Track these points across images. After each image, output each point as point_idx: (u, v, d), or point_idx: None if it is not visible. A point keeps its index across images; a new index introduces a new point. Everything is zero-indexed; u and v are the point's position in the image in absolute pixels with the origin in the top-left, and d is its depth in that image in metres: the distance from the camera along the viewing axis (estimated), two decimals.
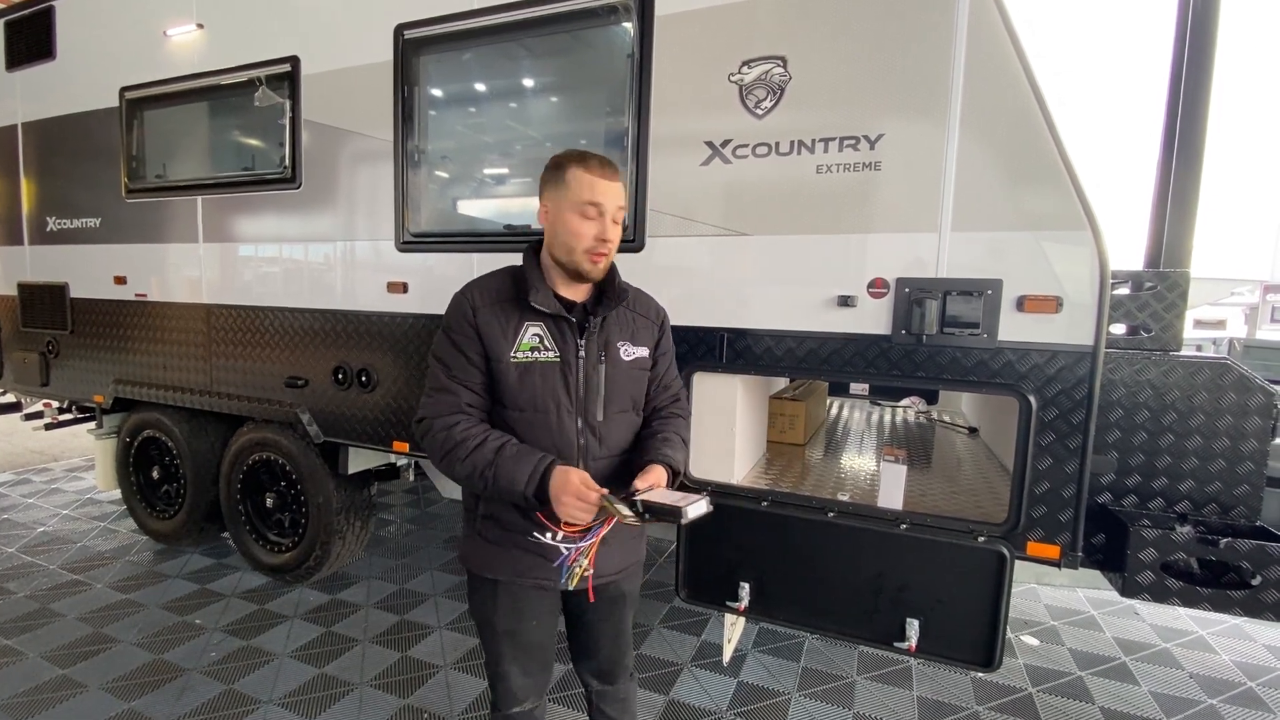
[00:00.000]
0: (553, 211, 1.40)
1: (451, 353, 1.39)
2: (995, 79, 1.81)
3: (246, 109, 3.02)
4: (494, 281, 1.45)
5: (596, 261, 1.39)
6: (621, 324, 1.49)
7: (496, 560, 1.44)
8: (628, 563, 1.55)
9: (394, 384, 2.75)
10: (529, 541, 1.41)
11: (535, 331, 1.39)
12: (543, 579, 1.43)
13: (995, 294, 1.85)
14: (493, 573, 1.45)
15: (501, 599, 1.46)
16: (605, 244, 1.38)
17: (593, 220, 1.37)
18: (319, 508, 3.12)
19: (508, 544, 1.42)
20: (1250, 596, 1.84)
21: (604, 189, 1.36)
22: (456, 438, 1.34)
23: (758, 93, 2.04)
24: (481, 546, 1.45)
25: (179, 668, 2.60)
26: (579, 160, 1.38)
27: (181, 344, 3.34)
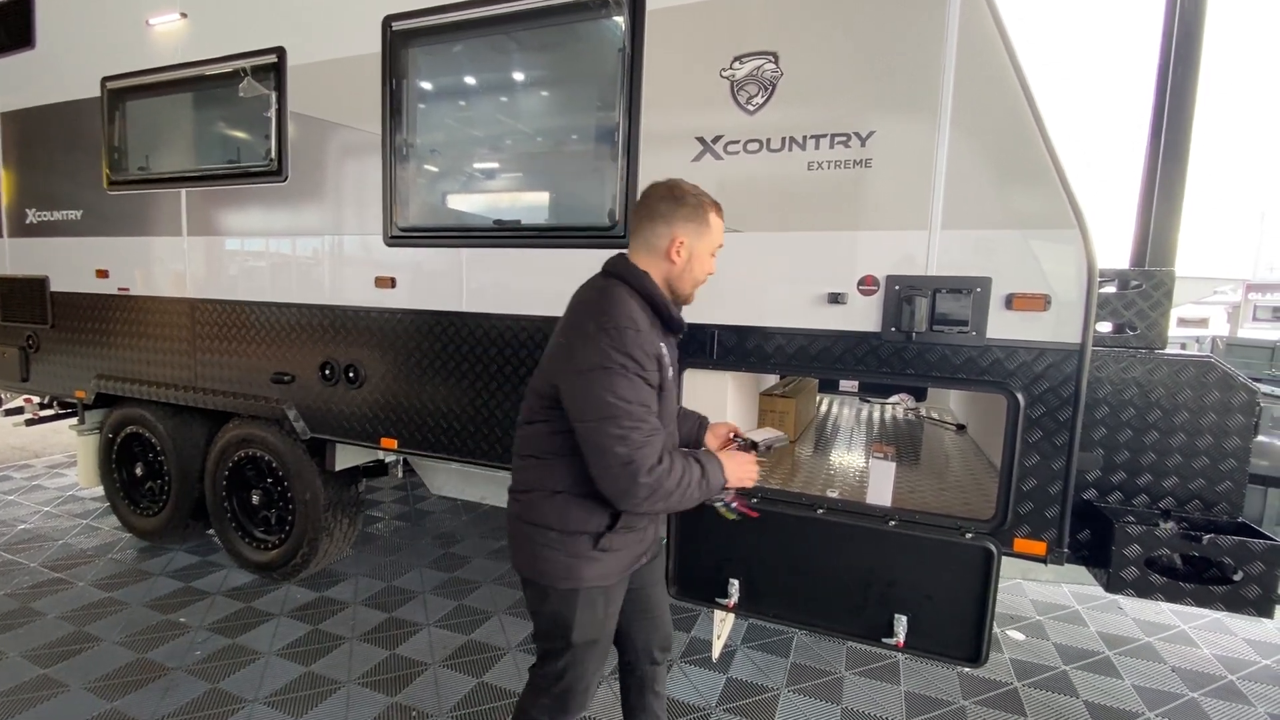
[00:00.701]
0: (693, 250, 1.50)
1: (646, 391, 1.37)
2: (986, 77, 1.81)
3: (232, 100, 2.98)
4: (638, 311, 1.43)
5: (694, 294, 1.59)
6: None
7: (617, 565, 1.53)
8: (661, 531, 1.76)
9: (382, 380, 2.73)
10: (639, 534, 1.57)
11: (665, 351, 1.48)
12: (641, 558, 1.62)
13: (984, 292, 1.86)
14: (613, 578, 1.53)
15: (612, 601, 1.55)
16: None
17: (713, 259, 1.57)
18: (306, 504, 3.09)
19: (627, 545, 1.53)
20: (1232, 592, 1.87)
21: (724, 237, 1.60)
22: (676, 467, 1.37)
23: (749, 88, 2.03)
24: (602, 560, 1.48)
25: (163, 667, 2.57)
26: (716, 208, 1.54)
27: (165, 339, 3.30)
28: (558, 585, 1.47)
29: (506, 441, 2.53)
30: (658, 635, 1.74)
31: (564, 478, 1.44)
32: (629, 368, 1.32)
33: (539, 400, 1.46)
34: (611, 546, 1.48)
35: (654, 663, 1.74)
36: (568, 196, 2.55)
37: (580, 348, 1.35)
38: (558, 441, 1.43)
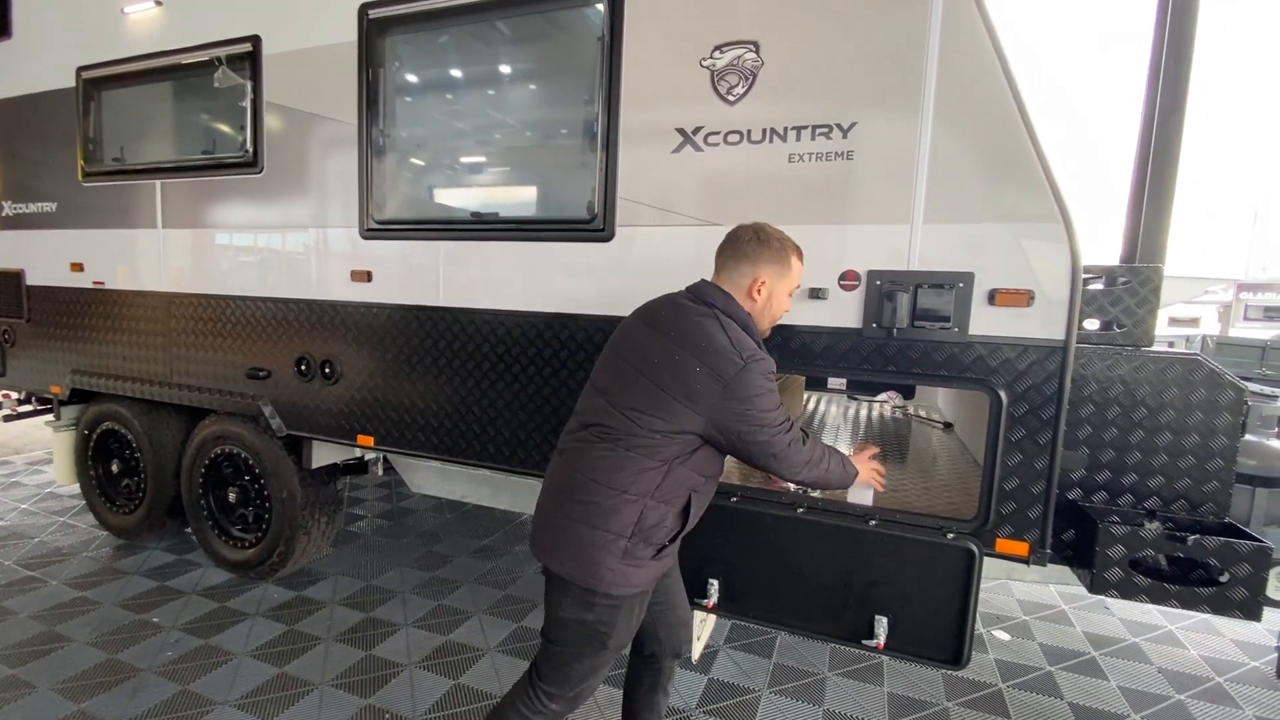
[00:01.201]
0: (774, 289, 1.60)
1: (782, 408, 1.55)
2: (969, 68, 1.77)
3: (207, 90, 2.91)
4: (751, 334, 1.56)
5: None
6: None
7: (659, 569, 1.57)
8: None
9: (358, 376, 2.67)
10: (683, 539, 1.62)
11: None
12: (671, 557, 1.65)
13: (966, 287, 1.82)
14: (655, 581, 1.59)
15: (646, 600, 1.61)
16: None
17: (791, 298, 1.68)
18: (283, 502, 3.04)
19: (671, 551, 1.58)
20: (1218, 593, 1.84)
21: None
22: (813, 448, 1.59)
23: (730, 78, 1.99)
24: (650, 566, 1.53)
25: (133, 668, 2.51)
26: (798, 252, 1.64)
27: (141, 333, 3.24)
28: (611, 591, 1.47)
29: (485, 439, 2.48)
30: (680, 628, 1.80)
31: (650, 485, 1.47)
32: (772, 387, 1.51)
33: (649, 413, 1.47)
34: (662, 554, 1.54)
35: (676, 656, 1.80)
36: (547, 189, 2.50)
37: (736, 379, 1.45)
38: (658, 452, 1.47)
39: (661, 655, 1.79)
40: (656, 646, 1.78)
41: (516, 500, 2.94)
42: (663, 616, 1.75)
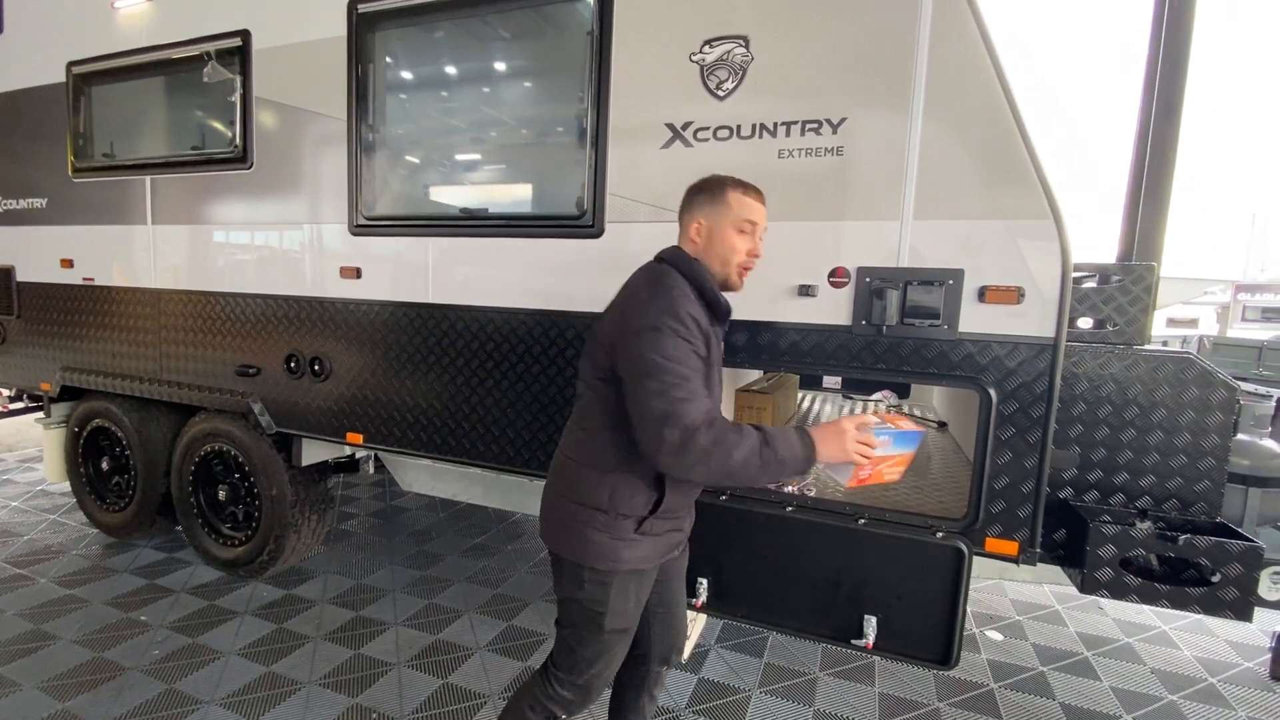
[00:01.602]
0: (711, 228, 1.49)
1: (694, 359, 1.37)
2: (959, 64, 1.75)
3: (196, 85, 2.89)
4: (688, 292, 1.44)
5: (743, 276, 1.52)
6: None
7: (654, 550, 1.52)
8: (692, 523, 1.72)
9: (347, 373, 2.66)
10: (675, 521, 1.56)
11: (712, 336, 1.48)
12: (675, 548, 1.61)
13: (956, 284, 1.80)
14: (650, 563, 1.52)
15: (644, 588, 1.55)
16: (753, 259, 1.51)
17: (747, 235, 1.49)
18: (272, 500, 3.02)
19: (665, 531, 1.53)
20: (1209, 594, 1.82)
21: (759, 211, 1.50)
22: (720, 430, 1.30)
23: (719, 73, 1.97)
24: (641, 544, 1.48)
25: (119, 666, 2.49)
26: (736, 184, 1.50)
27: (130, 330, 3.22)
28: (597, 565, 1.46)
29: (476, 438, 2.46)
30: (674, 633, 1.75)
31: (614, 455, 1.44)
32: (678, 330, 1.34)
33: (591, 371, 1.47)
34: (652, 530, 1.49)
35: (664, 662, 1.76)
36: (536, 185, 2.49)
37: (633, 312, 1.39)
38: (609, 415, 1.43)
39: (650, 657, 1.75)
40: (647, 647, 1.74)
41: (508, 499, 2.92)
42: (661, 618, 1.71)
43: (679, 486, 1.50)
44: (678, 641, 1.77)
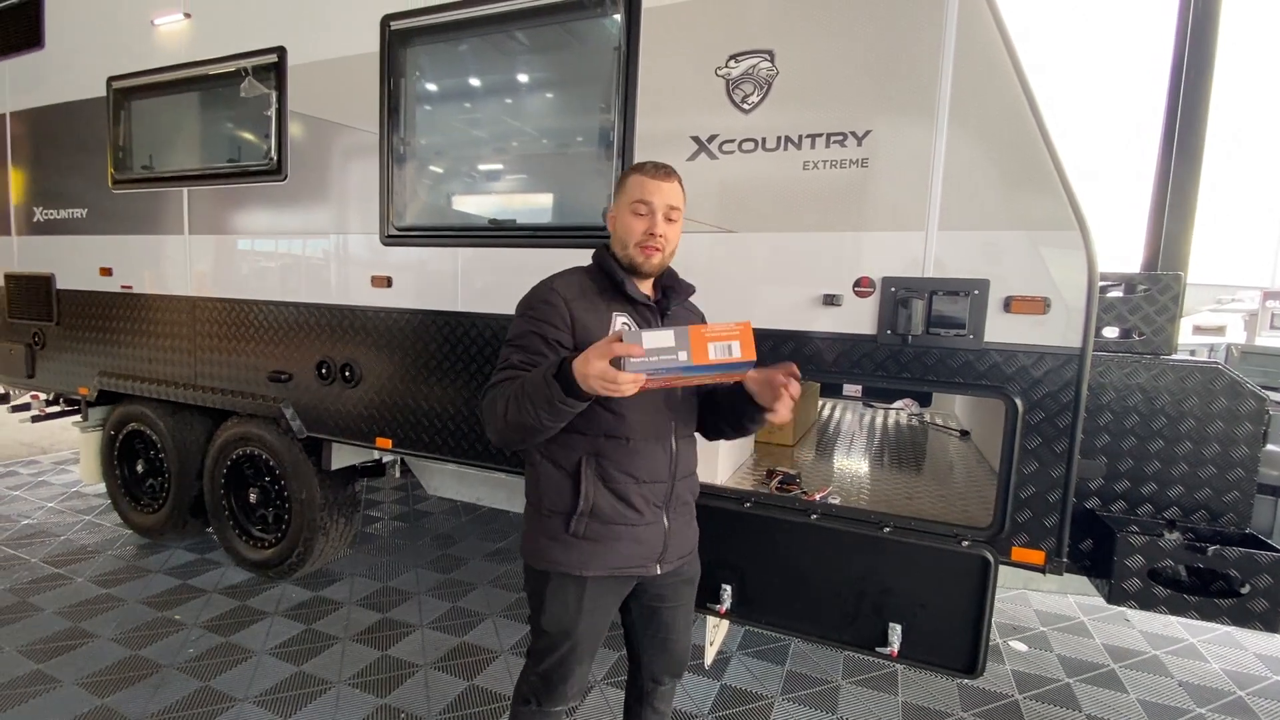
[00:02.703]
0: (615, 214, 1.50)
1: (534, 339, 1.39)
2: (985, 76, 1.77)
3: (233, 100, 2.99)
4: (572, 279, 1.49)
5: (648, 254, 1.45)
6: (684, 316, 1.60)
7: (594, 557, 1.45)
8: (693, 544, 1.63)
9: (377, 379, 2.72)
10: (628, 531, 1.46)
11: (623, 320, 1.45)
12: (639, 566, 1.49)
13: (982, 294, 1.82)
14: (590, 569, 1.45)
15: (587, 598, 1.47)
16: (653, 238, 1.44)
17: (643, 217, 1.44)
18: (302, 503, 3.09)
19: (607, 538, 1.44)
20: (1238, 605, 1.81)
21: (653, 188, 1.44)
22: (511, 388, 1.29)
23: (745, 87, 2.01)
24: (576, 546, 1.45)
25: (155, 664, 2.57)
26: (638, 167, 1.49)
27: (166, 337, 3.31)
28: (531, 564, 1.50)
29: None
30: (663, 660, 1.67)
31: (546, 451, 1.46)
32: (524, 313, 1.43)
33: None
34: (585, 534, 1.43)
35: (655, 683, 1.69)
36: (563, 196, 2.53)
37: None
38: None
39: (639, 675, 1.70)
40: (635, 665, 1.70)
41: None
42: (653, 641, 1.65)
43: (604, 486, 1.43)
44: (672, 666, 1.69)
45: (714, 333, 1.22)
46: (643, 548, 1.48)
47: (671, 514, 1.51)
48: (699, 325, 1.24)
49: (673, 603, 1.61)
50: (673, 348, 1.18)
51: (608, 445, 1.42)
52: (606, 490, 1.43)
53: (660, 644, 1.64)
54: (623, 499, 1.44)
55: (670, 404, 1.48)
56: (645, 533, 1.47)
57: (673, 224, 1.47)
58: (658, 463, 1.47)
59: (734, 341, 1.23)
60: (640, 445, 1.44)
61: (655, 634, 1.63)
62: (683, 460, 1.53)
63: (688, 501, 1.58)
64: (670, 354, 1.17)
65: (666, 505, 1.50)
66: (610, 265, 1.47)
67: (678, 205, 1.47)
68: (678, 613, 1.63)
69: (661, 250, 1.45)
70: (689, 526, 1.60)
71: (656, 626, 1.63)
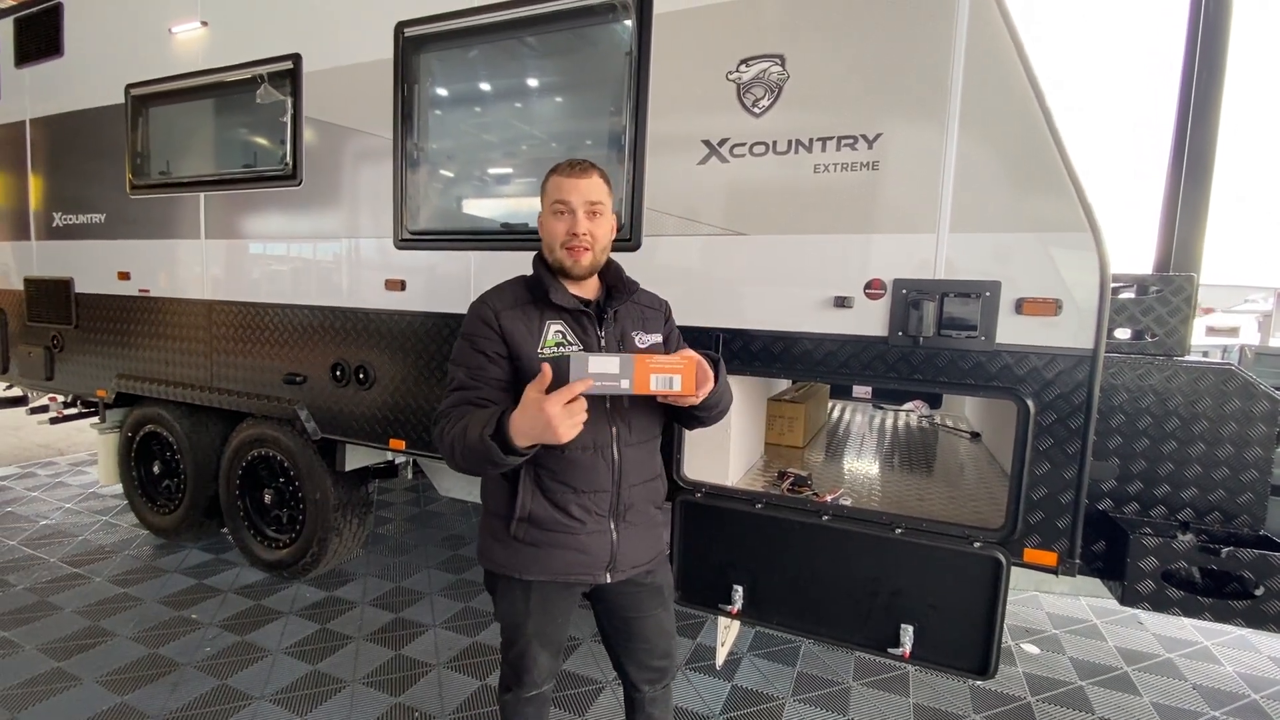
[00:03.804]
0: (541, 218, 1.50)
1: (472, 355, 1.43)
2: (995, 78, 1.78)
3: (249, 106, 3.03)
4: (507, 290, 1.51)
5: (575, 256, 1.44)
6: (632, 316, 1.57)
7: (534, 562, 1.46)
8: (654, 553, 1.58)
9: (391, 381, 2.75)
10: (570, 539, 1.44)
11: (557, 329, 1.45)
12: (583, 574, 1.47)
13: (994, 296, 1.82)
14: (531, 574, 1.46)
15: (534, 600, 1.50)
16: (576, 238, 1.42)
17: (562, 217, 1.44)
18: (316, 504, 3.12)
19: (548, 544, 1.45)
20: (1253, 607, 1.80)
21: (570, 187, 1.43)
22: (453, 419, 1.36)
23: (755, 91, 2.02)
24: (517, 550, 1.46)
25: (173, 662, 2.60)
26: (555, 168, 1.48)
27: (183, 339, 3.36)
28: (482, 563, 1.54)
29: None
30: (637, 668, 1.63)
31: None
32: (464, 332, 1.45)
33: None
34: (526, 537, 1.44)
35: (638, 691, 1.66)
36: None
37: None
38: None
39: (624, 680, 1.68)
40: (620, 671, 1.67)
41: None
42: (618, 645, 1.63)
43: (540, 494, 1.43)
44: (649, 675, 1.64)
45: (659, 365, 1.26)
46: (587, 557, 1.45)
47: (621, 523, 1.47)
48: (645, 356, 1.27)
49: (642, 613, 1.59)
50: (616, 375, 1.23)
51: (544, 454, 1.39)
52: (544, 499, 1.43)
53: (634, 654, 1.62)
54: (560, 508, 1.42)
55: (614, 413, 1.44)
56: (589, 541, 1.45)
57: (598, 219, 1.44)
58: (597, 472, 1.43)
59: (676, 376, 1.28)
60: (576, 455, 1.41)
61: (629, 644, 1.62)
62: (631, 469, 1.47)
63: (645, 511, 1.53)
64: (613, 380, 1.22)
65: (613, 514, 1.46)
66: (539, 272, 1.47)
67: (600, 199, 1.44)
68: (647, 623, 1.60)
69: (590, 249, 1.43)
70: (648, 535, 1.54)
71: (629, 638, 1.61)
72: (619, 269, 1.56)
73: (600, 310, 1.50)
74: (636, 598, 1.58)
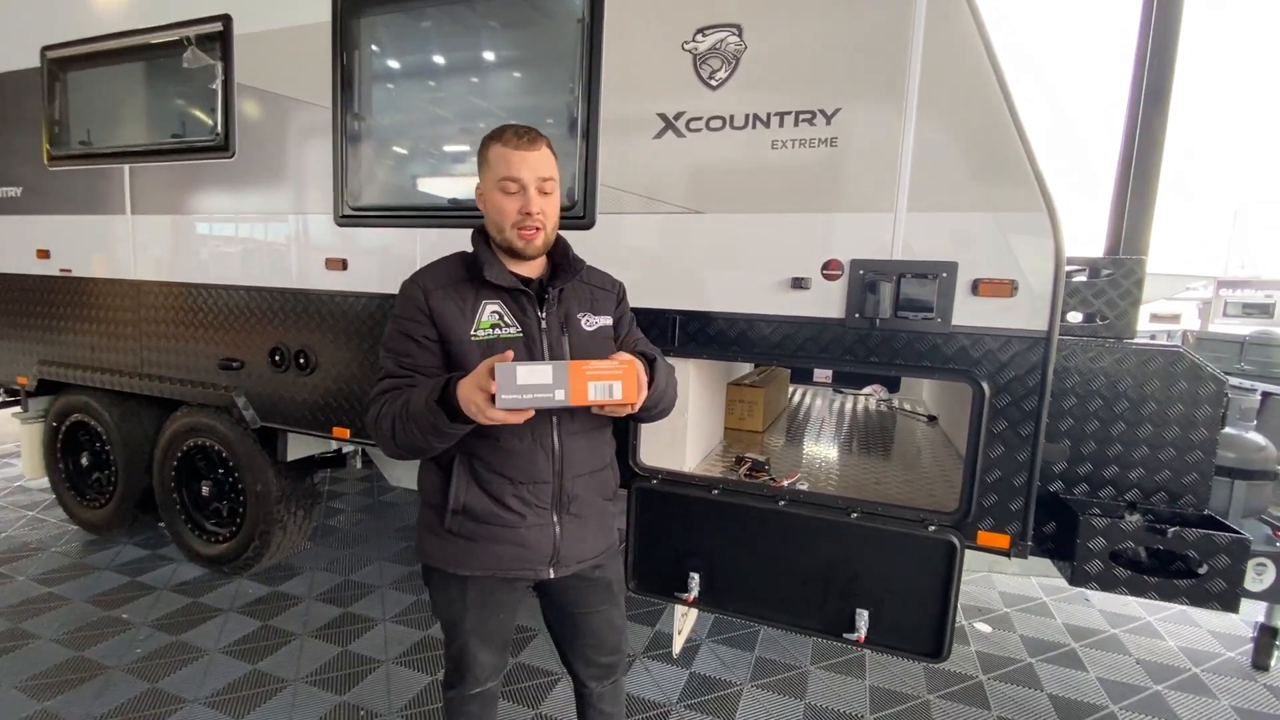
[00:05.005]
0: (483, 192, 1.38)
1: (401, 340, 1.34)
2: (955, 55, 1.74)
3: (177, 71, 2.82)
4: (443, 266, 1.42)
5: (528, 238, 1.35)
6: (579, 296, 1.47)
7: (470, 556, 1.38)
8: (602, 547, 1.50)
9: (333, 367, 2.61)
10: (508, 533, 1.36)
11: (494, 309, 1.35)
12: (523, 569, 1.40)
13: (950, 277, 1.80)
14: (466, 569, 1.39)
15: (471, 595, 1.42)
16: (530, 218, 1.32)
17: (514, 195, 1.32)
18: (257, 496, 2.97)
19: (484, 538, 1.36)
20: (1197, 585, 1.83)
21: (519, 161, 1.31)
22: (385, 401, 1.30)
23: (712, 62, 1.95)
24: (451, 543, 1.38)
25: (100, 665, 2.45)
26: (496, 135, 1.34)
27: (110, 323, 3.15)
28: (420, 558, 1.45)
29: None
30: (584, 665, 1.57)
31: None
32: (395, 313, 1.36)
33: None
34: (461, 531, 1.35)
35: (585, 688, 1.60)
36: None
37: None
38: None
39: (574, 679, 1.62)
40: (568, 667, 1.62)
41: None
42: (564, 640, 1.58)
43: (476, 485, 1.34)
44: (598, 671, 1.58)
45: (596, 371, 1.15)
46: (528, 551, 1.37)
47: (565, 515, 1.39)
48: (580, 362, 1.15)
49: (589, 608, 1.52)
50: (549, 385, 1.12)
51: (478, 444, 1.32)
52: (479, 490, 1.34)
53: (581, 650, 1.56)
54: (497, 499, 1.34)
55: None
56: (529, 535, 1.37)
57: (548, 196, 1.34)
58: (535, 463, 1.34)
59: (615, 382, 1.17)
60: (512, 444, 1.33)
61: (575, 641, 1.56)
62: (574, 459, 1.38)
63: (592, 502, 1.44)
64: (546, 391, 1.12)
65: (556, 506, 1.38)
66: (479, 251, 1.37)
67: (552, 174, 1.34)
68: (595, 619, 1.53)
69: (542, 228, 1.34)
70: (596, 528, 1.47)
71: (576, 634, 1.55)
72: (566, 245, 1.47)
73: (542, 290, 1.41)
74: (583, 593, 1.51)
